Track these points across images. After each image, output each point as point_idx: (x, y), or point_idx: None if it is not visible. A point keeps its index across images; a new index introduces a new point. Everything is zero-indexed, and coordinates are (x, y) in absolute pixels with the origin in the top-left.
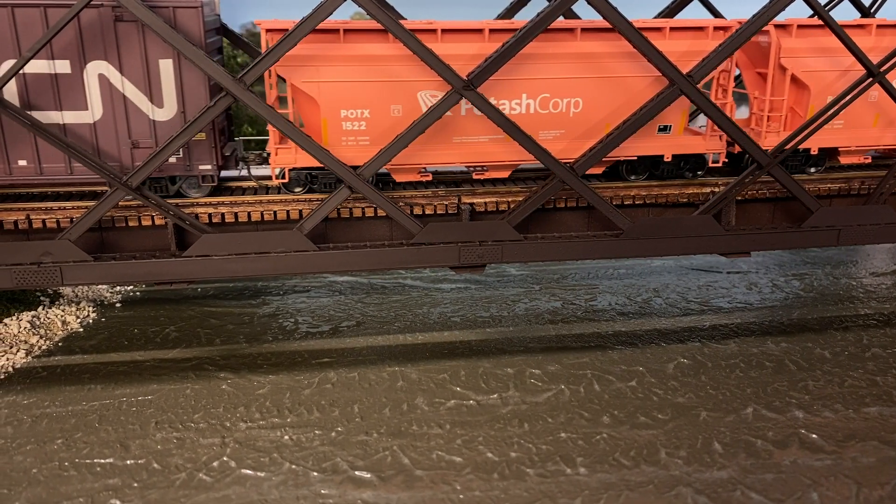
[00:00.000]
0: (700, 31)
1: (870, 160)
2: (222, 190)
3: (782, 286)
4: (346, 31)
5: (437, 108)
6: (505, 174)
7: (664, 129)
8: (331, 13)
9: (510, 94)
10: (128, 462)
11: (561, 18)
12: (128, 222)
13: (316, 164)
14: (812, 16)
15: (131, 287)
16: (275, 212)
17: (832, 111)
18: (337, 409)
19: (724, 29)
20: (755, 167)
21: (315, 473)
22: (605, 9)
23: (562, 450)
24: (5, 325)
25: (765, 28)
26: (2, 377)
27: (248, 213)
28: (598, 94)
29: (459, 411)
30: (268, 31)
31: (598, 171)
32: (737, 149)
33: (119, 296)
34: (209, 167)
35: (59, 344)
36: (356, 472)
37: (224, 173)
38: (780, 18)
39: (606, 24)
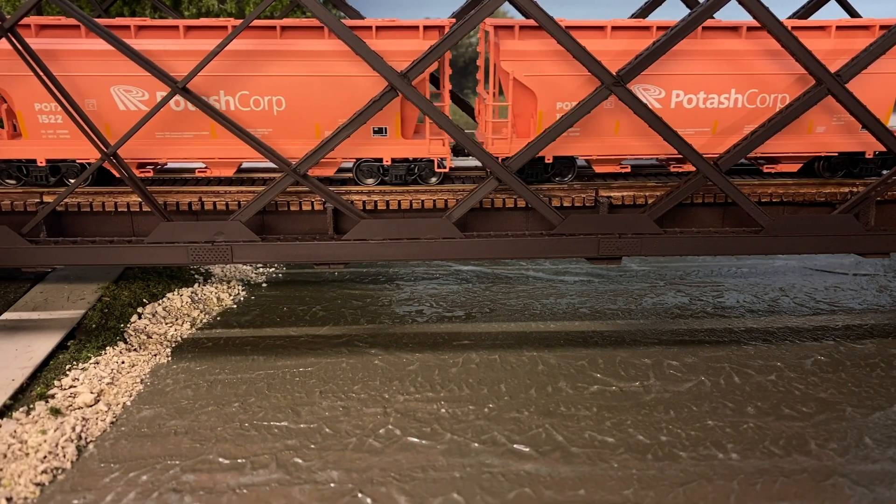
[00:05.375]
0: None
1: (628, 169)
2: None
3: None
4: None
5: (588, 102)
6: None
7: (379, 131)
8: (492, 11)
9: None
10: (301, 426)
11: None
12: (289, 206)
13: (23, 156)
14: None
15: (273, 268)
16: (422, 201)
17: None
18: (485, 387)
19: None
20: None
21: (476, 444)
22: (757, 8)
23: (711, 436)
24: (169, 299)
25: (486, 27)
26: (174, 345)
27: (399, 202)
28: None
29: (603, 396)
30: None
31: (330, 172)
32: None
33: (263, 277)
34: None
35: (218, 318)
36: (515, 446)
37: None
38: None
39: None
